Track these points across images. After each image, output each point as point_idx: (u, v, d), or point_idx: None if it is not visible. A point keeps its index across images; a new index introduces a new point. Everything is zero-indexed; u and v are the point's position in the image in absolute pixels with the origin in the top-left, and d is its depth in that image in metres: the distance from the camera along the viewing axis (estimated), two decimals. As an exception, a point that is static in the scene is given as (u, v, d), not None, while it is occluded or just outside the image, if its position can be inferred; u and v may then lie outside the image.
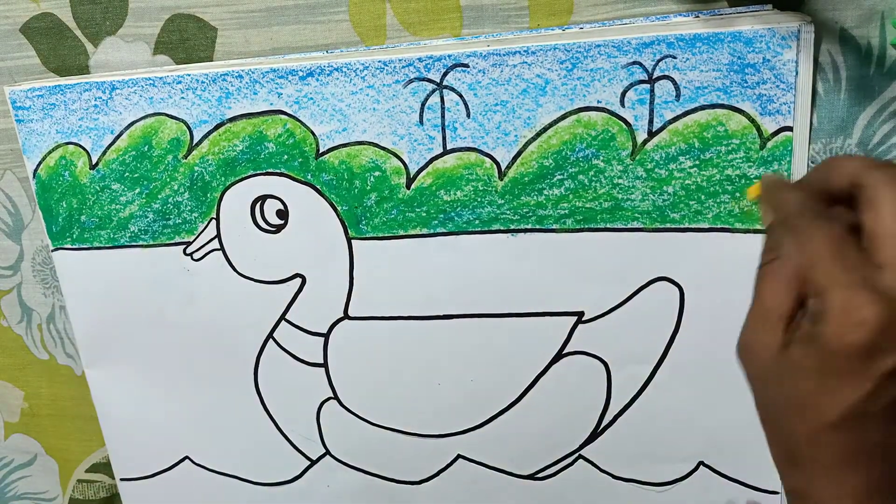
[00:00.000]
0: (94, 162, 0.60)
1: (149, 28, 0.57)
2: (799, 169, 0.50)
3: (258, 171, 0.58)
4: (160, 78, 0.57)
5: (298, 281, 0.59)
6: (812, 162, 0.51)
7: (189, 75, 0.57)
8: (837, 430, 0.39)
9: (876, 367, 0.37)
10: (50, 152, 0.60)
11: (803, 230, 0.40)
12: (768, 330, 0.40)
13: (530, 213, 0.54)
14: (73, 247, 0.62)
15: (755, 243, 0.52)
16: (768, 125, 0.50)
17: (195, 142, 0.58)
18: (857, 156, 0.46)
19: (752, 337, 0.41)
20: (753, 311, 0.41)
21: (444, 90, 0.53)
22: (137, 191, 0.60)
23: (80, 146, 0.60)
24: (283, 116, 0.56)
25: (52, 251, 0.63)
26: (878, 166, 0.40)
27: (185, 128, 0.58)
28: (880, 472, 0.39)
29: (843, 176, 0.41)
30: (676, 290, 0.54)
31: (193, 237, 0.60)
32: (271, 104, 0.56)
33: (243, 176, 0.58)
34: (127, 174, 0.60)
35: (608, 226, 0.54)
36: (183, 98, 0.57)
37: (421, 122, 0.54)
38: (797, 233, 0.40)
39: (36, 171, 0.61)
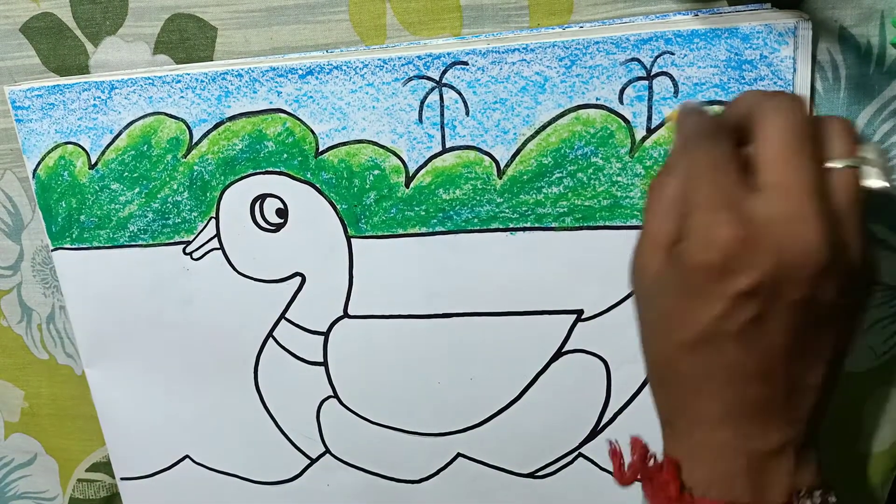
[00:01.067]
0: (93, 162, 0.60)
1: (149, 28, 0.57)
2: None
3: (258, 170, 0.58)
4: (159, 77, 0.57)
5: (298, 280, 0.59)
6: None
7: (188, 74, 0.57)
8: (694, 350, 0.40)
9: (729, 287, 0.37)
10: (49, 152, 0.61)
11: (691, 151, 0.40)
12: (651, 251, 0.41)
13: (529, 212, 0.54)
14: (73, 246, 0.63)
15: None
16: (767, 123, 0.50)
17: (194, 141, 0.58)
18: (755, 90, 0.48)
19: (637, 258, 0.42)
20: (642, 232, 0.42)
21: (443, 88, 0.53)
22: (137, 190, 0.60)
23: (80, 146, 0.60)
24: (282, 115, 0.56)
25: (52, 251, 0.63)
26: (768, 96, 0.41)
27: (184, 127, 0.58)
28: (733, 395, 0.40)
29: (741, 108, 0.41)
30: (676, 288, 0.54)
31: (193, 236, 0.60)
32: (271, 103, 0.56)
33: (243, 175, 0.58)
34: (126, 174, 0.60)
35: (607, 224, 0.54)
36: (182, 97, 0.57)
37: (420, 120, 0.54)
38: (685, 153, 0.41)
39: (35, 170, 0.61)
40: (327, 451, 0.64)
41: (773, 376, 0.39)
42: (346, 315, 0.59)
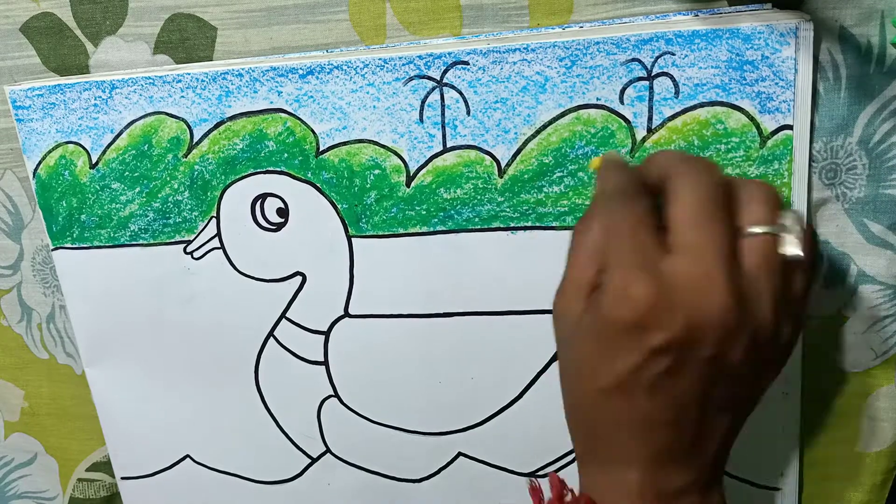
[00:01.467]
0: (93, 161, 0.60)
1: (149, 28, 0.57)
2: (800, 168, 0.50)
3: (258, 170, 0.58)
4: (160, 77, 0.57)
5: (299, 279, 0.59)
6: (813, 161, 0.51)
7: (189, 74, 0.57)
8: (608, 396, 0.42)
9: (644, 342, 0.39)
10: (50, 152, 0.61)
11: (610, 208, 0.42)
12: (573, 296, 0.42)
13: (530, 211, 0.54)
14: (73, 246, 0.63)
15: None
16: (768, 123, 0.50)
17: (195, 140, 0.58)
18: (671, 150, 0.50)
19: (560, 301, 0.44)
20: (564, 277, 0.44)
21: (443, 88, 0.53)
22: (137, 190, 0.60)
23: (80, 145, 0.60)
24: (283, 115, 0.56)
25: (52, 250, 0.63)
26: (682, 159, 0.43)
27: (185, 126, 0.58)
28: (643, 440, 0.42)
29: (658, 166, 0.44)
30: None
31: (193, 236, 0.60)
32: (271, 102, 0.56)
33: (243, 174, 0.58)
34: (127, 173, 0.60)
35: (608, 223, 0.54)
36: (183, 97, 0.57)
37: (421, 119, 0.54)
38: (606, 210, 0.43)
39: (36, 170, 0.61)
40: (328, 450, 0.64)
41: (681, 424, 0.41)
42: (346, 314, 0.59)
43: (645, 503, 0.42)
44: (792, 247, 0.41)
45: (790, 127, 0.49)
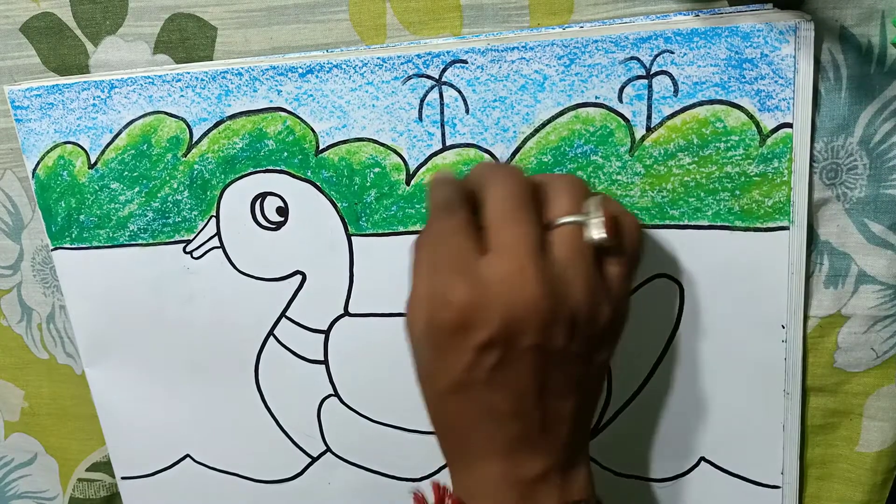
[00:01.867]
0: (92, 161, 0.60)
1: (149, 27, 0.57)
2: (801, 166, 0.50)
3: (258, 169, 0.58)
4: (159, 76, 0.57)
5: (299, 278, 0.59)
6: (814, 161, 0.51)
7: (188, 73, 0.57)
8: (453, 397, 0.44)
9: (470, 341, 0.42)
10: (48, 152, 0.61)
11: (435, 220, 0.45)
12: (415, 306, 0.45)
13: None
14: (73, 246, 0.63)
15: (755, 242, 0.52)
16: (767, 121, 0.50)
17: (195, 140, 0.58)
18: (487, 161, 0.54)
19: (408, 312, 0.45)
20: (410, 289, 0.46)
21: (442, 86, 0.53)
22: (137, 189, 0.60)
23: (79, 145, 0.60)
24: (282, 114, 0.56)
25: (52, 250, 0.63)
26: (491, 167, 0.47)
27: (184, 126, 0.58)
28: (495, 433, 0.44)
29: (474, 179, 0.47)
30: (676, 286, 0.54)
31: (193, 235, 0.60)
32: (271, 101, 0.56)
33: (243, 173, 0.58)
34: (126, 173, 0.60)
35: (607, 222, 0.54)
36: (182, 96, 0.57)
37: (420, 118, 0.54)
38: (431, 222, 0.46)
39: (35, 170, 0.61)
40: (328, 449, 0.64)
41: (526, 413, 0.43)
42: (346, 313, 0.59)
43: (508, 494, 0.44)
44: (596, 231, 0.43)
45: (790, 125, 0.49)
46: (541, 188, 0.45)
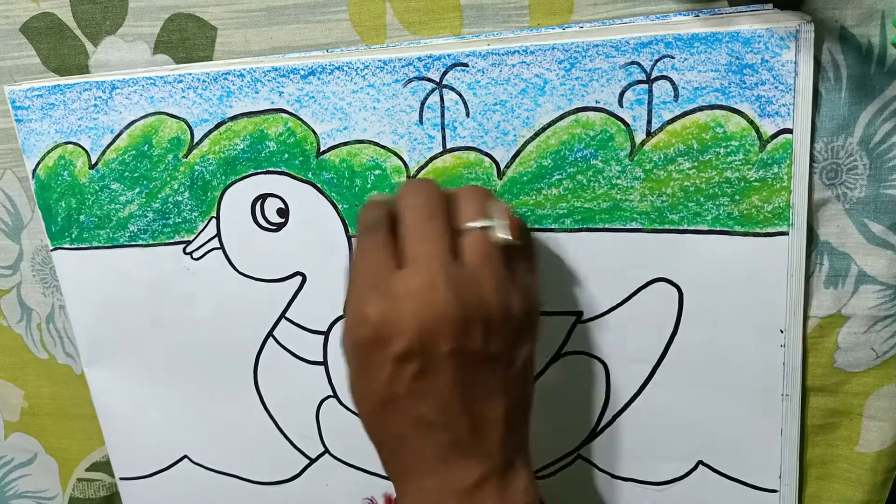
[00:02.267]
0: (93, 161, 0.60)
1: (149, 28, 0.57)
2: (800, 171, 0.50)
3: (259, 170, 0.58)
4: (161, 77, 0.57)
5: (299, 279, 0.59)
6: (814, 161, 0.51)
7: (190, 74, 0.57)
8: (382, 413, 0.46)
9: (387, 354, 0.43)
10: (49, 152, 0.61)
11: (358, 241, 0.48)
12: (344, 324, 0.46)
13: (529, 213, 0.54)
14: (73, 246, 0.63)
15: (754, 247, 0.52)
16: (767, 127, 0.50)
17: (195, 141, 0.58)
18: (409, 180, 0.55)
19: (343, 331, 0.47)
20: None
21: (443, 89, 0.53)
22: (137, 190, 0.60)
23: (80, 146, 0.60)
24: (284, 115, 0.56)
25: (52, 251, 0.63)
26: (406, 184, 0.49)
27: (185, 127, 0.58)
28: (426, 445, 0.45)
29: (396, 197, 0.48)
30: (675, 291, 0.54)
31: (193, 236, 0.60)
32: (272, 103, 0.56)
33: (244, 175, 0.58)
34: (127, 173, 0.60)
35: (607, 226, 0.54)
36: (184, 97, 0.57)
37: (420, 121, 0.54)
38: (357, 243, 0.48)
39: (35, 170, 0.61)
40: (326, 450, 0.64)
41: (454, 421, 0.44)
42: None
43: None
44: (502, 233, 0.46)
45: (790, 131, 0.49)
46: (451, 198, 0.48)
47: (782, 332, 0.53)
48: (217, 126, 0.57)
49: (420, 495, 0.46)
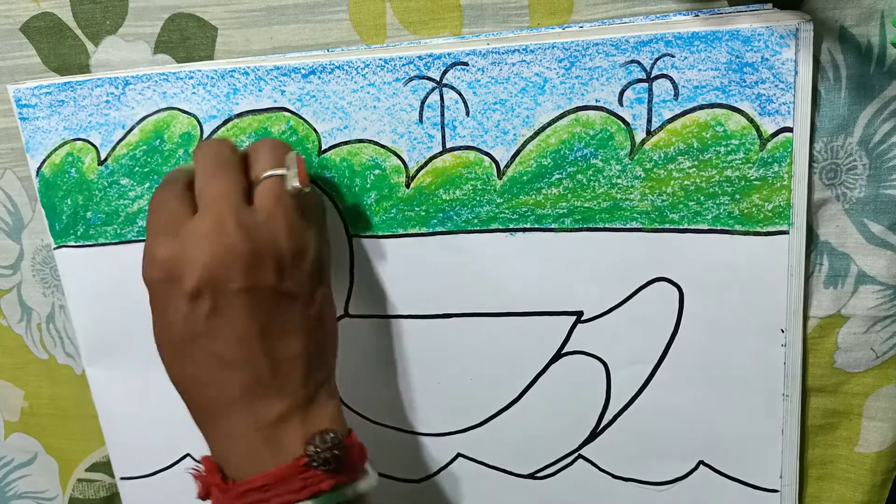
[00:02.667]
0: (102, 157, 0.60)
1: (149, 27, 0.57)
2: (800, 170, 0.50)
3: None
4: (173, 73, 0.57)
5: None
6: (814, 161, 0.51)
7: (200, 71, 0.57)
8: (181, 354, 0.48)
9: (179, 292, 0.46)
10: (56, 149, 0.60)
11: (154, 195, 0.50)
12: (141, 271, 0.49)
13: (529, 213, 0.54)
14: (77, 244, 0.62)
15: (755, 246, 0.52)
16: (768, 126, 0.50)
17: (205, 137, 0.58)
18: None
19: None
20: None
21: (443, 88, 0.53)
22: (147, 185, 0.60)
23: (89, 142, 0.60)
24: (286, 113, 0.56)
25: (55, 249, 0.63)
26: (199, 144, 0.54)
27: (195, 122, 0.58)
28: (227, 385, 0.47)
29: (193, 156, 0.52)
30: (676, 290, 0.54)
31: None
32: (275, 101, 0.56)
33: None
34: (137, 168, 0.60)
35: (607, 225, 0.54)
36: (194, 93, 0.57)
37: (420, 120, 0.54)
38: (152, 197, 0.51)
39: (40, 168, 0.61)
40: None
41: (253, 359, 0.47)
42: (346, 314, 0.60)
43: (253, 441, 0.47)
44: (293, 181, 0.49)
45: (790, 129, 0.49)
46: (248, 153, 0.51)
47: (783, 331, 0.53)
48: (224, 123, 0.57)
49: (227, 438, 0.48)
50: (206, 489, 0.49)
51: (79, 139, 0.60)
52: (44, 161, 0.61)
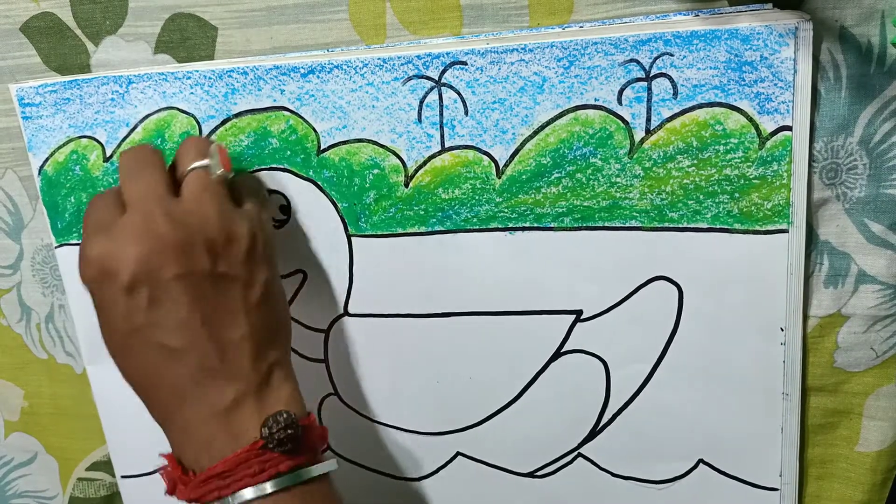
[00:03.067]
0: (108, 154, 0.60)
1: (149, 27, 0.58)
2: (799, 168, 0.50)
3: (262, 167, 0.58)
4: (172, 73, 0.57)
5: (300, 276, 0.60)
6: (814, 161, 0.51)
7: (197, 71, 0.57)
8: (127, 351, 0.49)
9: (115, 287, 0.46)
10: (60, 147, 0.61)
11: (88, 205, 0.51)
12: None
13: (528, 212, 0.54)
14: (79, 242, 0.62)
15: (754, 244, 0.52)
16: (767, 124, 0.50)
17: (203, 136, 0.58)
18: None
19: None
20: None
21: (442, 88, 0.53)
22: None
23: (95, 139, 0.60)
24: (285, 113, 0.56)
25: (56, 247, 0.63)
26: (121, 152, 0.53)
27: (194, 122, 0.58)
28: (177, 375, 0.47)
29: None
30: (675, 289, 0.54)
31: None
32: (274, 101, 0.56)
33: (249, 171, 0.58)
34: None
35: (606, 224, 0.54)
36: (192, 93, 0.57)
37: (419, 119, 0.54)
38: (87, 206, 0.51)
39: (42, 167, 0.61)
40: (328, 448, 0.64)
41: (197, 345, 0.47)
42: (346, 313, 0.60)
43: (211, 431, 0.47)
44: (217, 168, 0.51)
45: (789, 128, 0.49)
46: (175, 158, 0.53)
47: (783, 330, 0.53)
48: (223, 123, 0.57)
49: (184, 430, 0.48)
50: (171, 484, 0.49)
51: (84, 136, 0.60)
52: (47, 159, 0.61)
